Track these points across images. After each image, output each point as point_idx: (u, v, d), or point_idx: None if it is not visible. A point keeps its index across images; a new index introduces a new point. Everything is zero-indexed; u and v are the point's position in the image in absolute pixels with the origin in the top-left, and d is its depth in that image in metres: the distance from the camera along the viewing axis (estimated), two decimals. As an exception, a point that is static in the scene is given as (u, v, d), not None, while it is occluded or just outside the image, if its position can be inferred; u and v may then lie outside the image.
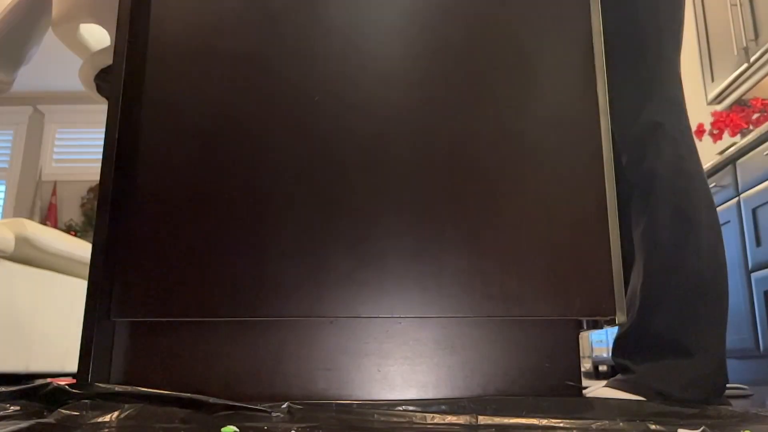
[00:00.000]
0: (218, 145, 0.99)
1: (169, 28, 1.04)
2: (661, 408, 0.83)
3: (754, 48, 2.83)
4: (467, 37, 1.02)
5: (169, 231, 0.96)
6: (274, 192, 0.97)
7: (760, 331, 2.47)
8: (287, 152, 0.98)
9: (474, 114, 0.99)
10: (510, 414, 0.80)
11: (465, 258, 0.93)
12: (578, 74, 1.00)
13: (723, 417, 0.81)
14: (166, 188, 0.98)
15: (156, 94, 1.01)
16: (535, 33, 1.02)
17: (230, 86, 1.01)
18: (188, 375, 0.96)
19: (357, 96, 1.00)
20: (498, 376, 0.96)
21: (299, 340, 0.97)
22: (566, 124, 0.98)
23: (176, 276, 0.94)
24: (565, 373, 0.95)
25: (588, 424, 0.75)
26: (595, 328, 1.01)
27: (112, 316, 0.94)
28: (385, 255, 0.94)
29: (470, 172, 0.97)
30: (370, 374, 0.96)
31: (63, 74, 5.43)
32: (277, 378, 0.96)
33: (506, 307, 0.92)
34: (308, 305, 0.93)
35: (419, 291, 0.92)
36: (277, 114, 1.00)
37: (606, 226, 0.94)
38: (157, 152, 0.99)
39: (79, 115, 5.82)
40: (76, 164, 5.80)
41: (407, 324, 0.97)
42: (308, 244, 0.94)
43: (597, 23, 1.02)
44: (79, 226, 5.52)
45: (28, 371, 2.44)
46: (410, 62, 1.01)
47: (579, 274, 0.92)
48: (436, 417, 0.78)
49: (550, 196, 0.95)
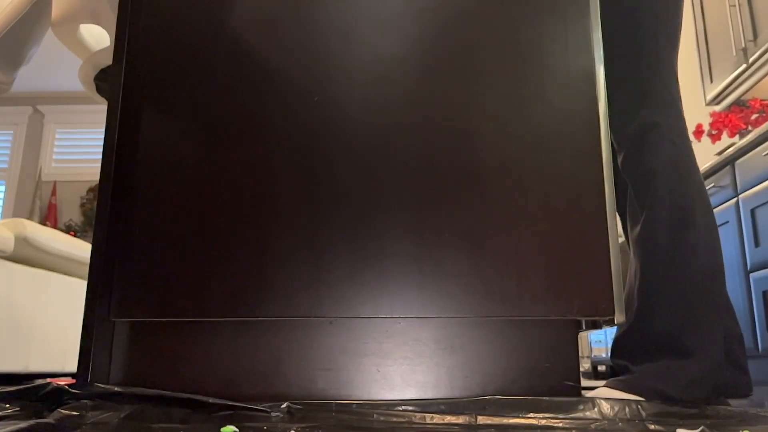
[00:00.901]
0: (218, 145, 0.99)
1: (169, 29, 1.04)
2: (660, 408, 0.83)
3: (752, 49, 2.83)
4: (467, 37, 1.02)
5: (168, 231, 0.96)
6: (273, 193, 0.97)
7: (758, 331, 2.47)
8: (287, 153, 0.98)
9: (473, 115, 0.99)
10: (509, 414, 0.80)
11: (464, 258, 0.93)
12: (577, 75, 1.00)
13: (722, 417, 0.82)
14: (165, 188, 0.98)
15: (156, 95, 1.01)
16: (534, 33, 1.02)
17: (230, 87, 1.01)
18: (188, 375, 0.97)
19: (357, 97, 1.00)
20: (497, 376, 0.96)
21: (299, 340, 0.97)
22: (565, 125, 0.98)
23: (176, 276, 0.94)
24: (564, 373, 0.96)
25: (587, 424, 0.75)
26: (593, 328, 1.01)
27: (111, 316, 0.94)
28: (385, 255, 0.94)
29: (469, 172, 0.97)
30: (369, 374, 0.96)
31: (63, 74, 5.43)
32: (276, 378, 0.96)
33: (505, 308, 0.92)
34: (308, 305, 0.93)
35: (419, 291, 0.93)
36: (277, 115, 1.00)
37: (605, 226, 0.94)
38: (156, 152, 0.99)
39: (79, 116, 5.82)
40: (75, 164, 5.79)
41: (407, 324, 0.97)
42: (308, 244, 0.95)
43: (596, 22, 1.02)
44: (79, 226, 5.51)
45: (28, 371, 2.44)
46: (410, 63, 1.01)
47: (578, 274, 0.93)
48: (435, 417, 0.78)
49: (549, 196, 0.96)
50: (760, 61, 2.81)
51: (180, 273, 0.94)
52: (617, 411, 0.81)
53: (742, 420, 0.80)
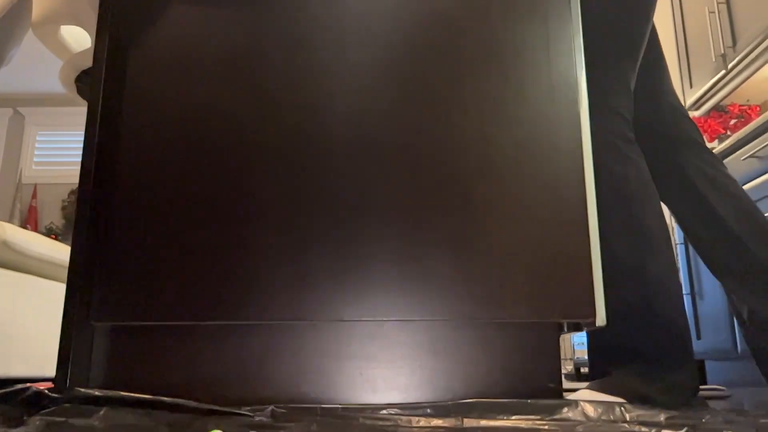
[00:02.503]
0: (200, 147, 0.98)
1: (151, 30, 1.03)
2: (643, 410, 0.84)
3: (731, 55, 2.87)
4: (450, 43, 1.03)
5: (150, 234, 0.95)
6: (257, 195, 0.96)
7: (737, 334, 2.50)
8: (270, 155, 0.98)
9: (456, 120, 0.99)
10: (495, 416, 0.80)
11: (447, 261, 0.94)
12: (559, 80, 1.01)
13: (704, 419, 0.82)
14: (147, 190, 0.97)
15: (137, 96, 1.01)
16: (516, 38, 1.03)
17: (212, 89, 1.01)
18: (170, 379, 0.96)
19: (341, 102, 1.00)
20: (480, 379, 0.96)
21: (282, 344, 0.97)
22: (547, 130, 0.99)
23: (157, 279, 0.93)
24: (546, 375, 0.96)
25: (572, 426, 0.76)
26: (576, 331, 1.02)
27: (91, 320, 0.93)
28: (368, 258, 0.94)
29: (453, 176, 0.97)
30: (352, 377, 0.96)
31: (44, 76, 5.37)
32: (260, 381, 0.95)
33: (488, 310, 0.92)
34: (291, 309, 0.92)
35: (402, 294, 0.93)
36: (261, 117, 0.99)
37: (586, 229, 0.95)
38: (137, 154, 0.98)
39: (60, 118, 5.75)
40: (56, 167, 5.72)
41: (390, 327, 0.97)
42: (291, 247, 0.94)
43: (577, 27, 1.03)
44: (60, 229, 5.45)
45: (8, 376, 2.40)
46: (394, 68, 1.02)
47: (559, 277, 0.93)
48: (421, 420, 0.78)
49: (531, 200, 0.96)
50: (739, 66, 2.85)
51: (161, 276, 0.93)
52: (601, 413, 0.82)
53: (725, 421, 0.81)
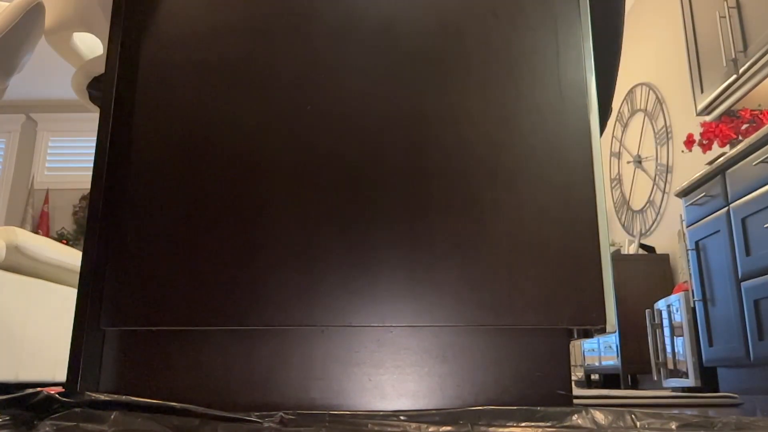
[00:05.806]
0: (210, 153, 0.99)
1: (162, 37, 1.04)
2: (653, 418, 0.83)
3: (742, 59, 2.86)
4: (459, 49, 1.03)
5: (160, 240, 0.96)
6: (266, 201, 0.97)
7: (750, 340, 2.48)
8: (279, 162, 0.98)
9: (466, 126, 1.00)
10: (504, 423, 0.80)
11: (456, 267, 0.94)
12: (569, 85, 1.01)
13: (717, 426, 0.82)
14: (157, 197, 0.97)
15: (148, 102, 1.01)
16: (525, 44, 1.03)
17: (222, 95, 1.01)
18: (179, 385, 0.96)
19: (349, 107, 1.01)
20: (489, 385, 0.96)
21: (290, 350, 0.97)
22: (557, 135, 0.99)
23: (167, 285, 0.94)
24: (556, 381, 0.96)
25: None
26: (585, 337, 1.01)
27: (102, 325, 0.94)
28: (377, 264, 0.94)
29: (461, 182, 0.97)
30: (361, 383, 0.96)
31: (56, 82, 5.42)
32: (268, 387, 0.96)
33: (497, 316, 0.92)
34: (299, 314, 0.92)
35: (410, 300, 0.93)
36: (269, 124, 1.00)
37: (596, 235, 0.95)
38: (148, 160, 0.99)
39: (72, 124, 5.80)
40: (68, 172, 5.77)
41: (398, 333, 0.97)
42: (300, 253, 0.95)
43: (587, 33, 1.03)
44: (71, 234, 5.49)
45: (18, 380, 2.42)
46: (403, 74, 1.02)
47: (569, 283, 0.93)
48: (430, 427, 0.78)
49: (541, 206, 0.96)
50: (750, 71, 2.84)
51: (171, 281, 0.94)
52: (612, 420, 0.81)
53: (738, 428, 0.80)
